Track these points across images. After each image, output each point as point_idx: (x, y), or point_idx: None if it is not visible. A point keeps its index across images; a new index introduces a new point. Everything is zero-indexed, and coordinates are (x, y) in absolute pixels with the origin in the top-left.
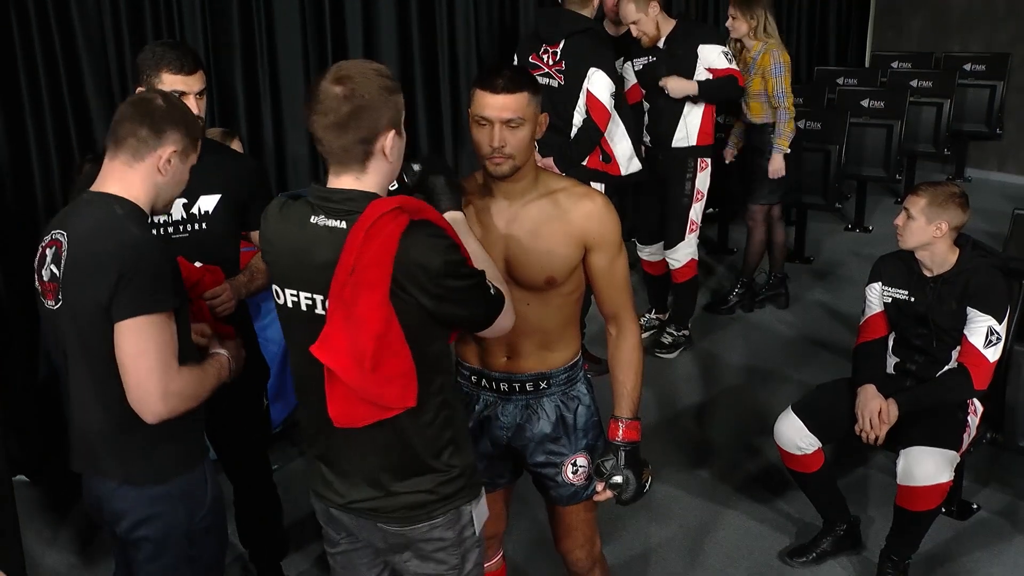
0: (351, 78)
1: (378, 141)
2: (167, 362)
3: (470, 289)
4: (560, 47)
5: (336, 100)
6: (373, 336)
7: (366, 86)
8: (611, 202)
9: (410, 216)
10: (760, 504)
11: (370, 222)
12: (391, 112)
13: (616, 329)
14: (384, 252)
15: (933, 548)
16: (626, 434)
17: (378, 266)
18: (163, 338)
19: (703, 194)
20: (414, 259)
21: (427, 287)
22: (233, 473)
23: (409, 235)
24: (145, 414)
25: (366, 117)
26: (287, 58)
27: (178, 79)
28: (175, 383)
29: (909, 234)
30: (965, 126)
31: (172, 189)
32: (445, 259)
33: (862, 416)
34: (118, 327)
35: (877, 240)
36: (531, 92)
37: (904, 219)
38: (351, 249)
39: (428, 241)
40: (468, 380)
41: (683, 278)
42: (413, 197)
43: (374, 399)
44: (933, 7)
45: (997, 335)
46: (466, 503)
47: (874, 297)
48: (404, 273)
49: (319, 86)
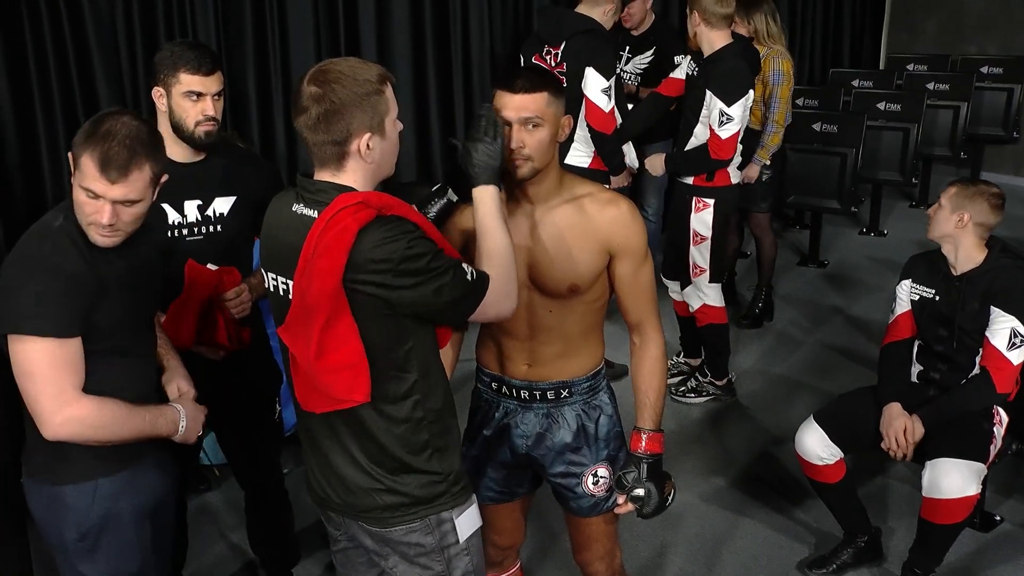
0: (326, 80)
1: (351, 144)
2: (60, 388)
3: (434, 281)
4: (561, 48)
5: (310, 100)
6: (319, 325)
7: (339, 91)
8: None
9: (378, 211)
10: (778, 513)
11: (331, 214)
12: (367, 116)
13: (640, 339)
14: (337, 244)
15: (956, 561)
16: (649, 446)
17: (329, 257)
18: (50, 362)
19: (704, 238)
20: (370, 253)
21: (385, 281)
22: (244, 478)
23: (369, 230)
24: (42, 430)
25: (336, 121)
26: (300, 59)
27: (196, 79)
28: (74, 410)
29: (934, 223)
30: (981, 130)
31: None
32: (404, 253)
33: (888, 436)
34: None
35: (892, 244)
36: (552, 93)
37: (935, 208)
38: (311, 238)
39: (387, 235)
40: (488, 387)
41: (700, 323)
42: (386, 193)
43: (321, 387)
44: (949, 9)
45: (1021, 337)
46: (447, 510)
47: (903, 294)
48: (360, 267)
49: (300, 84)
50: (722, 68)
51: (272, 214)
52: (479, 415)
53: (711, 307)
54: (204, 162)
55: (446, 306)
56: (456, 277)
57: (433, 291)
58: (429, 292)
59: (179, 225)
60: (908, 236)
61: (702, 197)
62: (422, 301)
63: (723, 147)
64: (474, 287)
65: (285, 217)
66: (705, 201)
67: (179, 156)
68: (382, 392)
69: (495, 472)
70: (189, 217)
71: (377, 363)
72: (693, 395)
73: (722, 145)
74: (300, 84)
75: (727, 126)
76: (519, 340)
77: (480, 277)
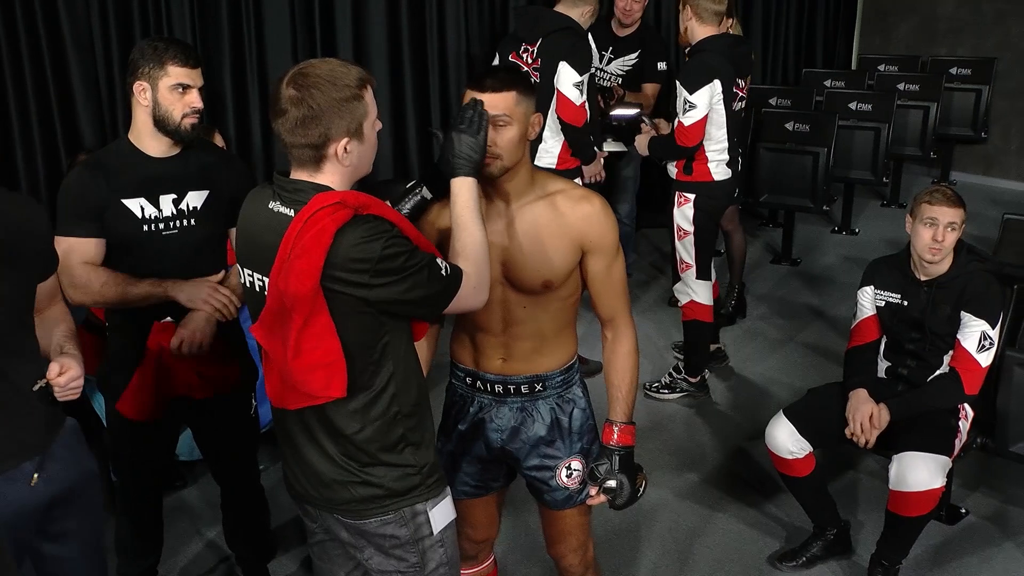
0: (305, 85)
1: (329, 147)
2: None
3: (409, 279)
4: (537, 46)
5: (288, 103)
6: (296, 325)
7: (317, 96)
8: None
9: (355, 210)
10: (750, 508)
11: (309, 214)
12: (345, 121)
13: (612, 333)
14: (315, 244)
15: (922, 553)
16: (620, 438)
17: (307, 258)
18: None
19: (687, 233)
20: (348, 253)
21: (363, 282)
22: (220, 474)
23: (347, 230)
24: None
25: (314, 125)
26: (276, 57)
27: (184, 72)
28: None
29: (951, 246)
30: (951, 130)
31: None
32: (381, 253)
33: (853, 420)
34: None
35: (863, 243)
36: (521, 91)
37: (945, 232)
38: (289, 238)
39: (365, 236)
40: (463, 382)
41: (684, 318)
42: (363, 192)
43: (298, 385)
44: (920, 13)
45: (990, 340)
46: (421, 502)
47: (866, 301)
48: (339, 266)
49: (278, 85)
50: (693, 59)
51: (248, 210)
52: (454, 410)
53: (698, 304)
54: (179, 156)
55: (421, 301)
56: (431, 274)
57: (408, 288)
58: (404, 289)
59: (155, 219)
60: (879, 235)
61: (683, 192)
62: (397, 298)
63: (686, 133)
64: (448, 282)
65: (262, 215)
66: (686, 196)
67: (155, 151)
68: (358, 387)
69: (470, 466)
70: (164, 211)
71: (353, 359)
72: (667, 391)
73: (686, 132)
74: (278, 85)
75: (690, 113)
76: (493, 336)
77: (454, 272)
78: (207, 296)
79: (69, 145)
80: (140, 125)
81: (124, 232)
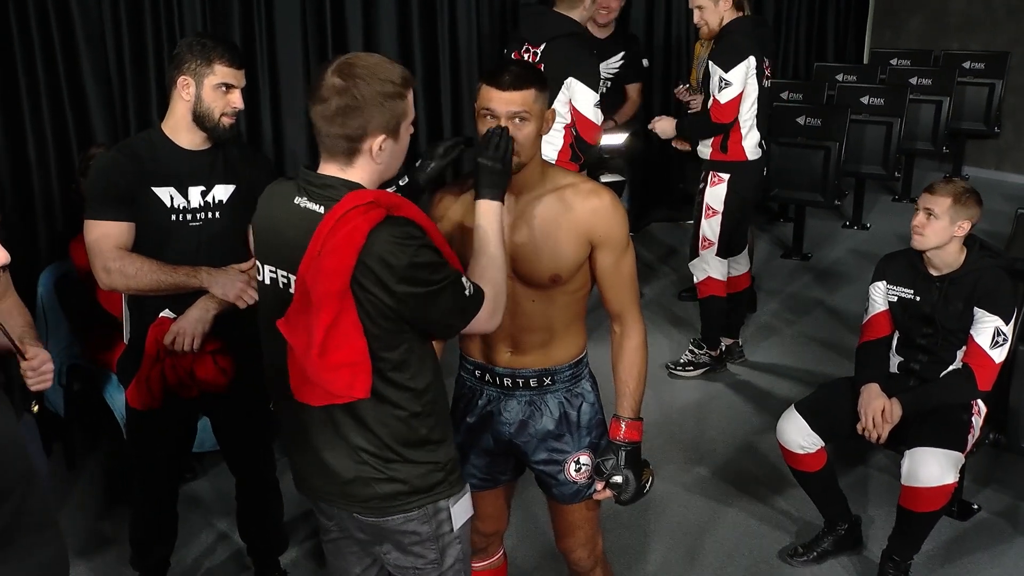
0: (352, 75)
1: (365, 142)
2: None
3: (434, 294)
4: (541, 49)
5: (331, 91)
6: (323, 325)
7: (363, 87)
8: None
9: (387, 211)
10: (760, 502)
11: (342, 212)
12: (385, 117)
13: (620, 328)
14: (347, 244)
15: (934, 549)
16: (627, 434)
17: (338, 256)
18: None
19: (716, 212)
20: (379, 255)
21: (389, 286)
22: (236, 466)
23: (379, 230)
24: None
25: (355, 117)
26: (287, 53)
27: (230, 72)
28: None
29: (932, 234)
30: (963, 124)
31: None
32: (411, 260)
33: (865, 415)
34: None
35: (875, 238)
36: (538, 89)
37: (925, 219)
38: (319, 235)
39: (396, 239)
40: (472, 375)
41: (700, 295)
42: (396, 193)
43: (322, 384)
44: (932, 8)
45: (1004, 336)
46: (444, 498)
47: (878, 296)
48: (368, 268)
49: (323, 72)
50: (723, 39)
51: (269, 205)
52: (462, 403)
53: (714, 280)
54: (210, 150)
55: (441, 316)
56: (454, 292)
57: (429, 303)
58: (425, 303)
59: (183, 210)
60: (891, 230)
61: (717, 172)
62: (417, 309)
63: (722, 111)
64: (468, 303)
65: (286, 210)
66: (720, 176)
67: (188, 143)
68: (382, 386)
69: (478, 459)
70: (192, 203)
71: (377, 358)
72: (692, 368)
73: (722, 109)
74: (323, 72)
75: (726, 91)
76: (502, 329)
77: (476, 293)
78: (240, 291)
79: (81, 139)
80: (178, 117)
81: (152, 220)
